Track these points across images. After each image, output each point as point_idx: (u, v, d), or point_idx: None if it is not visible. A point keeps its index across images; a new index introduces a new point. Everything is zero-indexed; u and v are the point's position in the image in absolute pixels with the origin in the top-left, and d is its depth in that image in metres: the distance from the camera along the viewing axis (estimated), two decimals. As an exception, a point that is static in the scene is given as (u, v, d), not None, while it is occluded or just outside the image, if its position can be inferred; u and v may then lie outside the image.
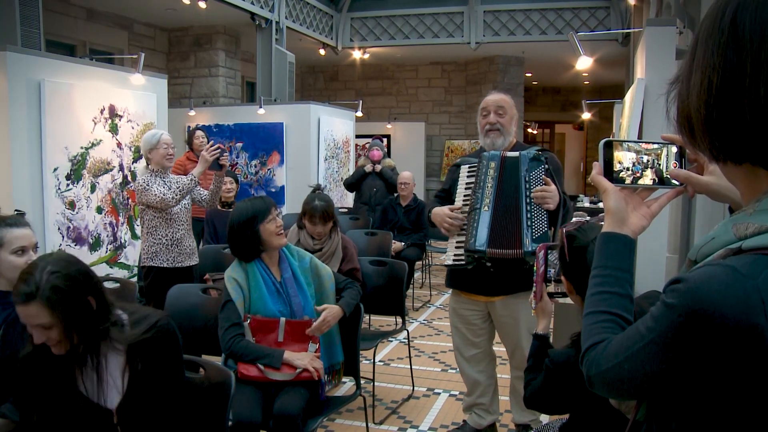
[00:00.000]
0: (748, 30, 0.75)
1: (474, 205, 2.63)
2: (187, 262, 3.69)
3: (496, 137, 2.79)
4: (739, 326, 0.72)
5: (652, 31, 2.95)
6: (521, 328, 2.75)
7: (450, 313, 2.97)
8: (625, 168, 1.00)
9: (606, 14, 9.14)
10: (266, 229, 2.53)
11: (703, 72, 0.79)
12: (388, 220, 5.91)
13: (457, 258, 2.66)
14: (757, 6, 0.76)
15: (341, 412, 3.31)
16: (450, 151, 11.84)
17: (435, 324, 5.27)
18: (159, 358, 1.68)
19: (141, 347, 1.66)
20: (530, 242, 2.51)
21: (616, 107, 6.54)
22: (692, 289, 0.76)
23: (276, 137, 7.30)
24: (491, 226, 2.57)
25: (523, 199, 2.56)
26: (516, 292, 2.73)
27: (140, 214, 3.65)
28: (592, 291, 0.98)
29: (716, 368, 0.75)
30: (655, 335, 0.80)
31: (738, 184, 0.85)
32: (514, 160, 2.62)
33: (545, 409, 1.98)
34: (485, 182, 2.63)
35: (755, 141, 0.76)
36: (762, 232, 0.77)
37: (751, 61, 0.75)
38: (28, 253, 2.05)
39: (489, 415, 2.94)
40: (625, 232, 0.99)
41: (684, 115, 0.83)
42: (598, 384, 0.89)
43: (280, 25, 8.43)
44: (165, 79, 5.44)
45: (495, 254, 2.56)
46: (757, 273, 0.74)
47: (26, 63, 4.08)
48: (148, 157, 3.61)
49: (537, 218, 2.54)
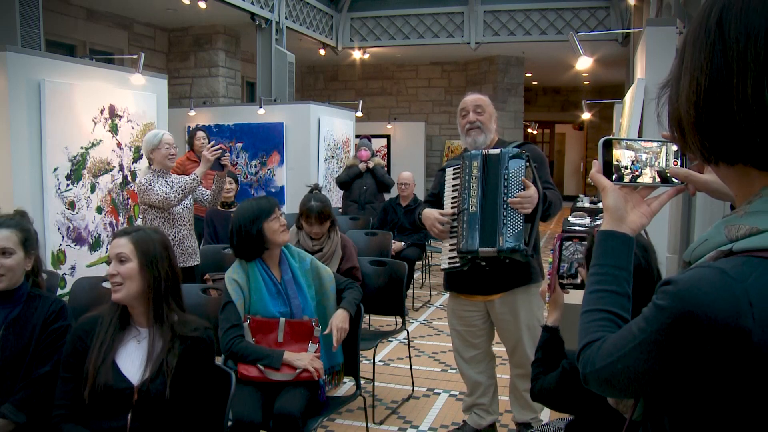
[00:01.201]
0: (734, 31, 0.76)
1: (462, 206, 2.63)
2: (189, 262, 3.69)
3: (477, 135, 2.79)
4: (727, 329, 0.72)
5: (652, 31, 2.95)
6: (521, 324, 2.76)
7: (449, 316, 2.98)
8: (623, 166, 1.00)
9: (606, 14, 9.14)
10: (270, 227, 2.54)
11: (692, 74, 0.80)
12: (388, 221, 5.91)
13: (452, 261, 2.67)
14: (742, 6, 0.76)
15: (341, 412, 3.30)
16: (450, 151, 11.85)
17: (435, 324, 5.27)
18: (194, 358, 1.82)
19: (184, 343, 1.80)
20: (504, 240, 2.50)
21: (616, 107, 6.54)
22: (681, 291, 0.76)
23: (276, 137, 7.30)
24: (481, 225, 2.56)
25: (500, 197, 2.55)
26: (513, 288, 2.74)
27: (142, 214, 3.64)
28: (589, 289, 0.98)
29: (705, 369, 0.76)
30: (645, 336, 0.80)
31: (731, 185, 0.85)
32: (495, 157, 2.61)
33: (553, 405, 1.98)
34: (470, 182, 2.62)
35: (745, 141, 0.76)
36: (753, 233, 0.77)
37: (737, 62, 0.75)
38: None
39: (489, 415, 2.94)
40: (624, 231, 0.99)
41: (675, 118, 0.83)
42: (592, 382, 0.90)
43: (280, 25, 8.44)
44: (165, 79, 5.44)
45: (486, 253, 2.56)
46: (747, 275, 0.74)
47: (26, 63, 4.08)
48: (150, 157, 3.61)
49: (512, 216, 2.53)
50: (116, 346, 1.80)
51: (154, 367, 1.77)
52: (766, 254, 0.75)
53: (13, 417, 1.87)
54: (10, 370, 1.93)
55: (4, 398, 1.90)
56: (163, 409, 1.77)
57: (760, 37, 0.74)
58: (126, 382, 1.76)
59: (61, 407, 1.77)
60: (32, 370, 1.94)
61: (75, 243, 4.37)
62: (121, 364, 1.79)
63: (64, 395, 1.78)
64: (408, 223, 5.87)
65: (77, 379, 1.77)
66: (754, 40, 0.74)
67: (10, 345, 1.94)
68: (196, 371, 1.83)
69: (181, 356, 1.79)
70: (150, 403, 1.76)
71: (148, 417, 1.77)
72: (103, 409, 1.75)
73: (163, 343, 1.80)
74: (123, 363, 1.79)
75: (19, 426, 1.88)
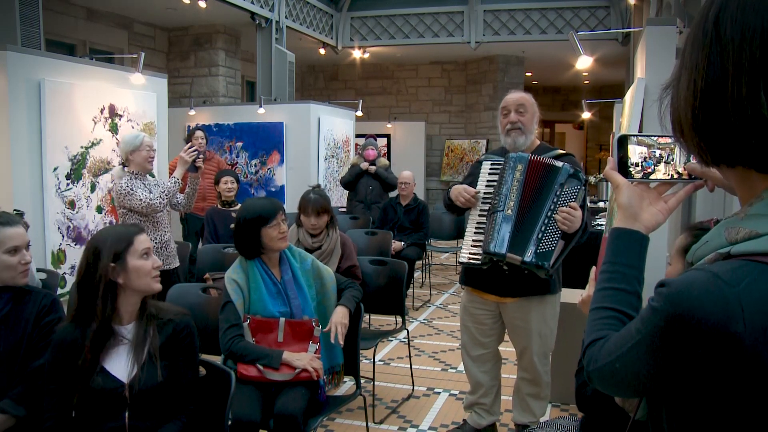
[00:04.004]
0: (729, 31, 0.75)
1: (496, 206, 2.53)
2: (174, 264, 3.69)
3: (517, 136, 2.71)
4: (717, 332, 0.72)
5: (652, 30, 2.95)
6: (532, 332, 2.73)
7: (461, 311, 2.96)
8: (633, 163, 0.99)
9: (606, 14, 9.14)
10: (268, 233, 2.54)
11: (690, 75, 0.79)
12: (389, 220, 5.91)
13: (473, 256, 2.61)
14: (737, 6, 0.75)
15: (341, 412, 3.31)
16: (450, 151, 11.84)
17: (435, 323, 5.27)
18: (177, 339, 1.85)
19: (165, 327, 1.85)
20: (532, 254, 2.43)
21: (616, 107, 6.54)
22: (673, 293, 0.76)
23: (276, 137, 7.30)
24: (513, 230, 2.48)
25: (546, 210, 2.45)
26: (529, 295, 2.69)
27: (122, 219, 3.56)
28: (599, 287, 0.98)
29: (698, 371, 0.76)
30: (641, 336, 0.81)
31: (735, 186, 0.85)
32: (554, 169, 2.49)
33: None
34: (510, 184, 2.52)
35: (741, 143, 0.75)
36: (752, 237, 0.76)
37: (732, 63, 0.74)
38: (21, 252, 2.05)
39: (489, 415, 2.94)
40: (637, 228, 0.98)
41: (676, 119, 0.83)
42: (595, 380, 0.90)
43: (280, 24, 8.43)
44: (165, 79, 5.44)
45: (512, 259, 2.49)
46: (740, 280, 0.73)
47: (26, 62, 4.08)
48: (129, 158, 3.53)
49: (549, 233, 2.44)
50: (102, 355, 1.79)
51: (142, 359, 1.78)
52: (764, 258, 0.74)
53: (12, 411, 1.89)
54: (4, 366, 1.95)
55: (1, 393, 1.92)
56: (158, 401, 1.79)
57: (755, 37, 0.73)
58: (116, 381, 1.77)
59: (50, 419, 1.76)
60: (27, 364, 1.96)
61: (75, 242, 4.37)
62: (109, 368, 1.79)
63: (51, 407, 1.77)
64: (408, 222, 5.88)
65: (63, 390, 1.76)
66: (750, 41, 0.73)
67: (3, 340, 1.96)
68: (182, 351, 1.86)
69: (164, 340, 1.83)
70: (144, 397, 1.77)
71: (144, 411, 1.78)
72: (99, 412, 1.76)
73: (145, 333, 1.82)
74: (111, 365, 1.79)
75: (19, 419, 1.90)
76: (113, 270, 1.77)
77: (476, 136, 11.48)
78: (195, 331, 1.92)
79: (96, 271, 1.76)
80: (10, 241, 2.02)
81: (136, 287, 1.81)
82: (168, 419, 1.81)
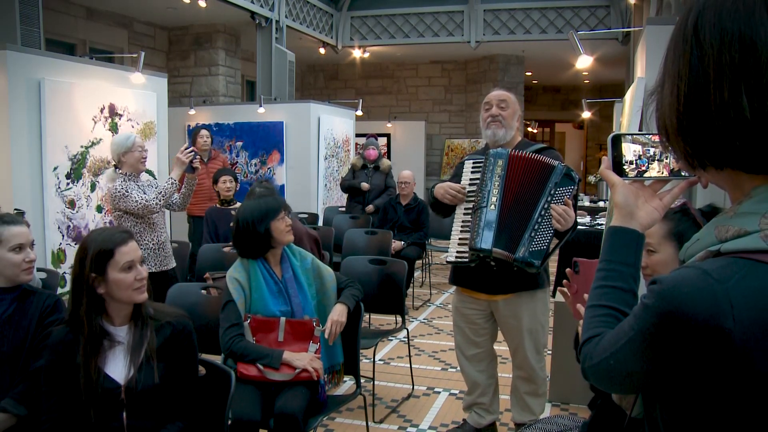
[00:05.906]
0: (709, 37, 0.77)
1: (479, 203, 2.55)
2: (171, 264, 3.69)
3: (497, 128, 2.72)
4: (707, 329, 0.74)
5: (652, 29, 2.95)
6: (523, 329, 2.74)
7: (453, 312, 2.96)
8: (627, 161, 1.00)
9: (606, 13, 9.14)
10: (277, 226, 2.55)
11: (672, 81, 0.81)
12: (388, 219, 5.91)
13: (460, 255, 2.62)
14: (715, 11, 0.77)
15: (341, 411, 3.31)
16: (450, 150, 11.84)
17: (435, 323, 5.27)
18: (175, 341, 1.85)
19: (163, 329, 1.85)
20: (525, 251, 2.44)
21: (617, 106, 6.54)
22: (664, 290, 0.78)
23: (276, 136, 7.30)
24: (498, 225, 2.49)
25: (539, 209, 2.45)
26: (519, 291, 2.71)
27: (117, 221, 3.54)
28: (595, 284, 0.99)
29: (690, 367, 0.77)
30: (634, 333, 0.82)
31: (726, 188, 0.86)
32: (548, 167, 2.49)
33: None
34: (492, 180, 2.54)
35: (725, 146, 0.77)
36: (741, 235, 0.78)
37: (713, 67, 0.76)
38: (25, 250, 2.08)
39: (489, 414, 2.94)
40: (633, 227, 0.99)
41: (661, 125, 0.84)
42: (591, 377, 0.92)
43: (280, 23, 8.43)
44: (165, 78, 5.44)
45: (500, 255, 2.50)
46: (729, 277, 0.75)
47: (26, 62, 4.08)
48: (121, 160, 3.49)
49: (542, 232, 2.44)
50: (98, 357, 1.78)
51: (138, 360, 1.78)
52: (752, 256, 0.75)
53: (14, 410, 1.90)
54: (8, 366, 1.97)
55: (4, 393, 1.93)
56: (155, 401, 1.79)
57: (734, 41, 0.75)
58: (113, 383, 1.77)
59: (47, 421, 1.76)
60: (29, 364, 1.97)
61: (75, 242, 4.37)
62: (106, 369, 1.79)
63: (48, 409, 1.76)
64: (408, 221, 5.88)
65: (60, 392, 1.76)
66: (729, 45, 0.75)
67: (8, 341, 1.97)
68: (180, 353, 1.86)
69: (162, 342, 1.83)
70: (141, 399, 1.77)
71: (142, 412, 1.78)
72: (96, 414, 1.75)
73: (141, 335, 1.82)
74: (107, 367, 1.79)
75: (20, 419, 1.91)
76: (95, 279, 1.76)
77: (476, 135, 11.47)
78: (194, 333, 1.91)
79: (81, 277, 1.76)
80: (15, 239, 2.06)
81: (118, 299, 1.80)
82: (166, 421, 1.81)
